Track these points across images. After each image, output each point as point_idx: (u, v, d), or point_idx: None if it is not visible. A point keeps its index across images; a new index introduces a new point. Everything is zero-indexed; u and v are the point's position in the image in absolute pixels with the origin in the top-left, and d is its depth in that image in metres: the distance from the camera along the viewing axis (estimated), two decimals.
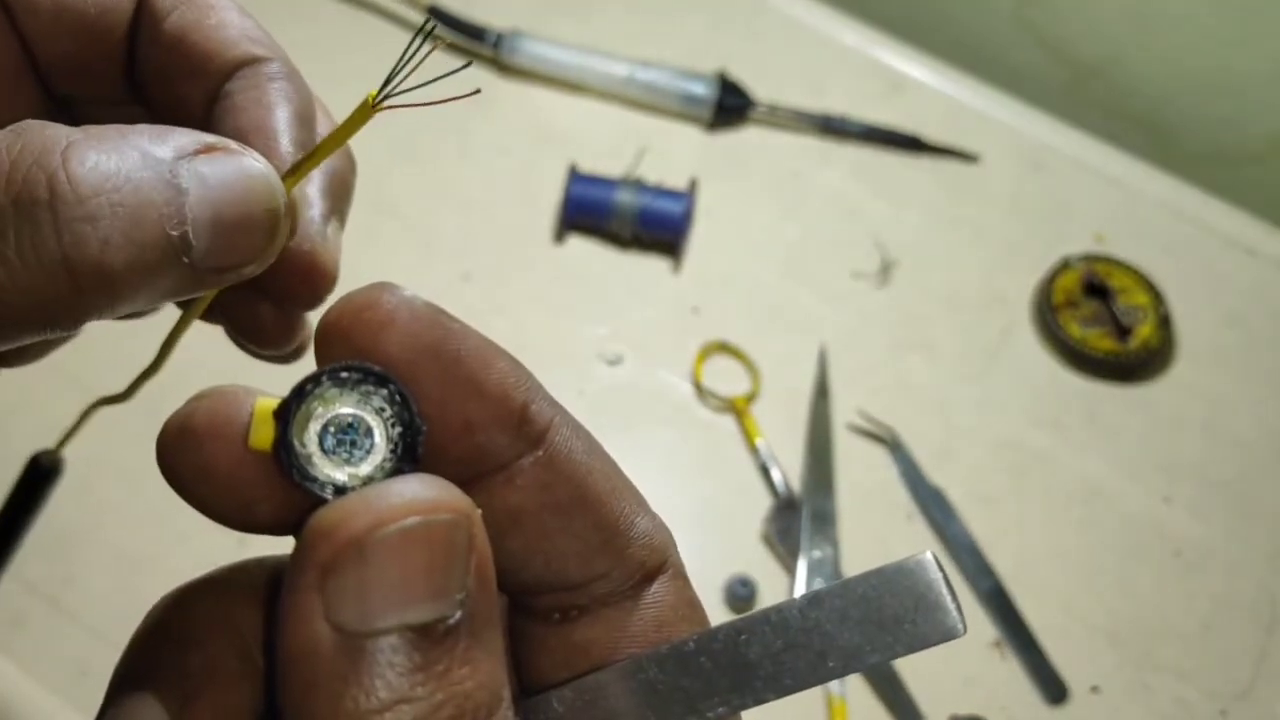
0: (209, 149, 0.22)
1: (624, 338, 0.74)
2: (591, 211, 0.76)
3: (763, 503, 0.69)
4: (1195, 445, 0.74)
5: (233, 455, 0.20)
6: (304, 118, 0.29)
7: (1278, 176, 0.90)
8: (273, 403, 0.21)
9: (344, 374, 0.20)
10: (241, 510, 0.21)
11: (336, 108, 0.91)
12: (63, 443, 0.49)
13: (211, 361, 0.38)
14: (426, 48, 0.23)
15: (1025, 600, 0.67)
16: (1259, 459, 0.74)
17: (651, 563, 0.23)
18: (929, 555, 0.21)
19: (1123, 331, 0.76)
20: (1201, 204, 0.84)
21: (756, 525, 0.68)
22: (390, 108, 0.23)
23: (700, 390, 0.72)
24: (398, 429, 0.20)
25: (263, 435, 0.20)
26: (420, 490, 0.19)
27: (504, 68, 0.84)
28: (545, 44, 0.83)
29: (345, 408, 0.20)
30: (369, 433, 0.20)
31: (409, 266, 0.75)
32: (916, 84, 0.88)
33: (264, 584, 0.22)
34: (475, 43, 0.83)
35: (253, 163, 0.23)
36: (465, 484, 0.21)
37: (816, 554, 0.67)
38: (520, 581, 0.23)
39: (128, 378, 0.34)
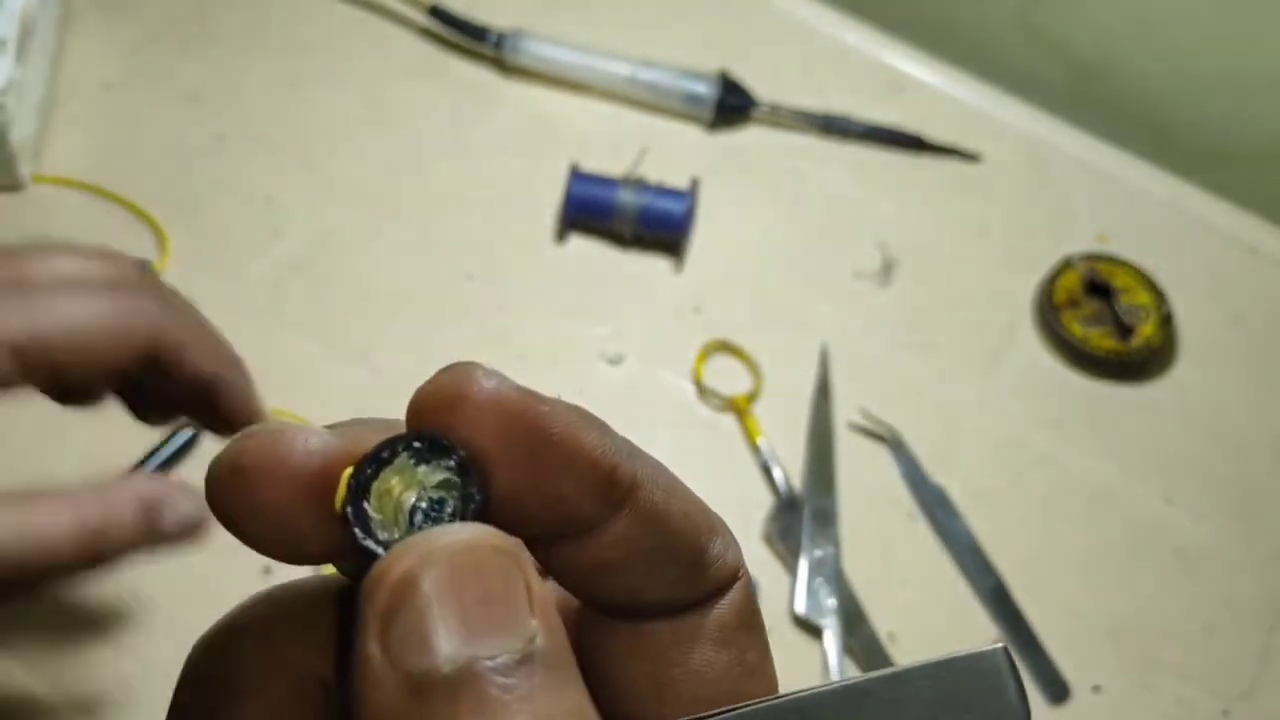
0: None
1: (625, 337, 0.74)
2: (593, 211, 0.76)
3: (764, 502, 0.69)
4: (1198, 445, 0.74)
5: (284, 494, 0.20)
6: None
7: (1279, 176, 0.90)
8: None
9: (416, 444, 0.21)
10: (292, 545, 0.21)
11: (337, 107, 0.91)
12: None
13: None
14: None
15: (1027, 600, 0.67)
16: (1262, 458, 0.74)
17: (724, 578, 0.23)
18: (1000, 648, 0.21)
19: (1125, 331, 0.76)
20: (1204, 203, 0.84)
21: (757, 524, 0.68)
22: None
23: (701, 390, 0.72)
24: (460, 499, 0.21)
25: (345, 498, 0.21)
26: (462, 530, 0.20)
27: (505, 67, 0.84)
28: (547, 43, 0.83)
29: (415, 489, 0.20)
30: (437, 504, 0.21)
31: (409, 266, 0.75)
32: (918, 84, 0.88)
33: (311, 614, 0.22)
34: (477, 42, 0.83)
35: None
36: (552, 542, 0.21)
37: (818, 553, 0.67)
38: (595, 604, 0.23)
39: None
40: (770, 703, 0.21)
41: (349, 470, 0.20)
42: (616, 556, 0.22)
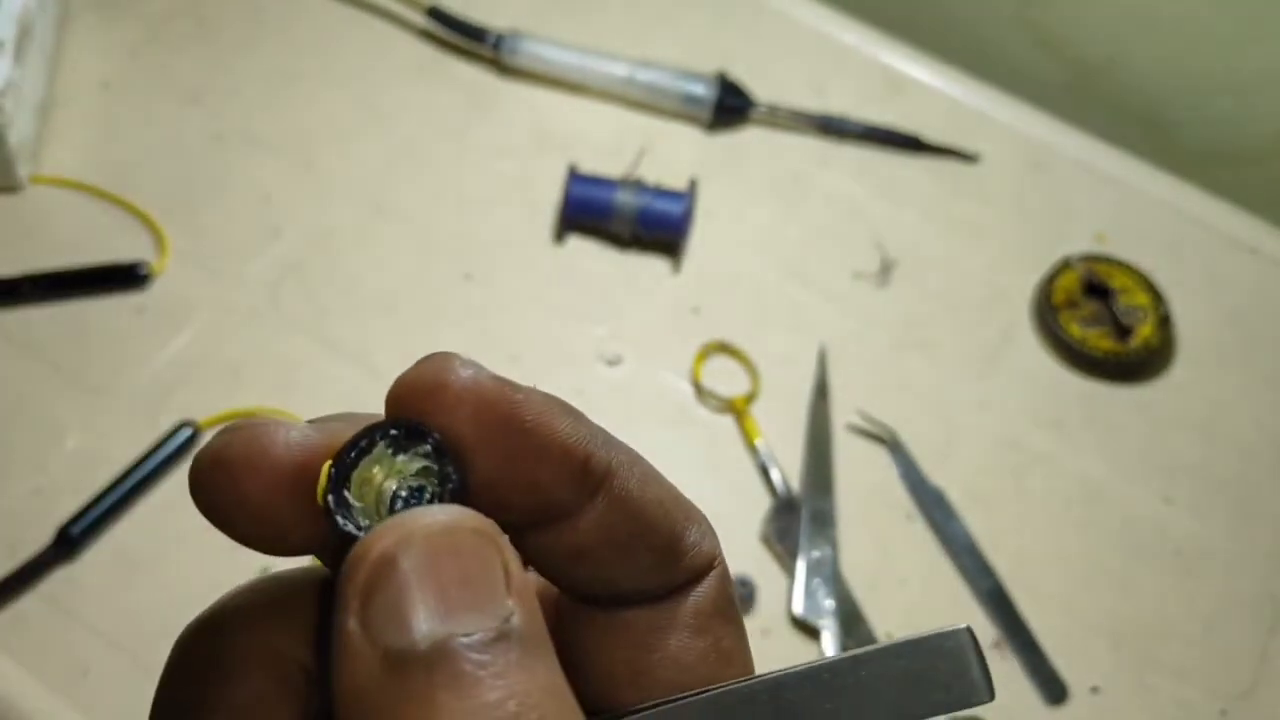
0: None
1: (624, 338, 0.74)
2: (591, 212, 0.76)
3: (762, 503, 0.69)
4: (1196, 445, 0.74)
5: (266, 486, 0.21)
6: None
7: (1279, 176, 0.90)
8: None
9: (393, 431, 0.21)
10: (275, 538, 0.21)
11: (335, 107, 0.91)
12: (207, 422, 0.60)
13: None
14: None
15: (1025, 600, 0.67)
16: (1260, 459, 0.74)
17: (700, 566, 0.24)
18: (964, 629, 0.22)
19: (1123, 331, 0.76)
20: (1202, 204, 0.84)
21: (756, 525, 0.68)
22: None
23: (700, 390, 0.72)
24: (438, 483, 0.21)
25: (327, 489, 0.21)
26: (441, 510, 0.20)
27: (504, 68, 0.84)
28: (545, 44, 0.83)
29: (395, 478, 0.21)
30: (417, 492, 0.21)
31: (409, 266, 0.75)
32: (916, 84, 0.88)
33: (296, 603, 0.22)
34: (475, 43, 0.83)
35: None
36: (528, 530, 0.22)
37: (816, 554, 0.67)
38: (573, 592, 0.24)
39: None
40: (743, 683, 0.22)
41: (329, 461, 0.21)
42: (592, 543, 0.22)
